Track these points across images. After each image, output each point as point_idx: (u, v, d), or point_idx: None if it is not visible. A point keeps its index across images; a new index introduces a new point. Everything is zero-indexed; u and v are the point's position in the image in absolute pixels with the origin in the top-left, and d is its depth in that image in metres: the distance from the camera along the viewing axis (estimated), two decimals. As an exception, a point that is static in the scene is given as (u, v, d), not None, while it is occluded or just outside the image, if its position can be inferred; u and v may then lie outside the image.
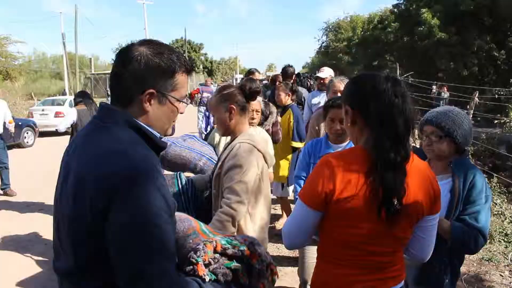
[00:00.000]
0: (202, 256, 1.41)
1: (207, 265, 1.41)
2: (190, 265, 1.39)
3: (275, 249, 4.98)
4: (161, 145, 1.45)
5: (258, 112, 3.51)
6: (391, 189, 1.50)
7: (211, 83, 15.91)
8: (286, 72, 7.08)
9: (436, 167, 2.31)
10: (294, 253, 4.53)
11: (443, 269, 2.24)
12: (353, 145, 1.88)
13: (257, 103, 3.49)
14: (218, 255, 1.45)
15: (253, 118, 3.49)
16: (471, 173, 2.24)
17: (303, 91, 7.03)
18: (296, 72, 7.84)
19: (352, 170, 1.53)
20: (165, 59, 1.39)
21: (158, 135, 1.46)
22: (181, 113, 1.56)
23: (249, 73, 7.41)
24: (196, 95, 12.09)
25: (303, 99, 6.76)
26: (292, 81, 6.86)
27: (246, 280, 1.50)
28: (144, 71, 1.35)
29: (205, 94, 11.75)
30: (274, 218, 5.55)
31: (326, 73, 6.12)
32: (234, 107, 2.37)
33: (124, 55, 1.38)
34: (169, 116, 1.47)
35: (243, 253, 1.49)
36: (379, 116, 1.54)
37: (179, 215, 1.61)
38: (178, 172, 2.62)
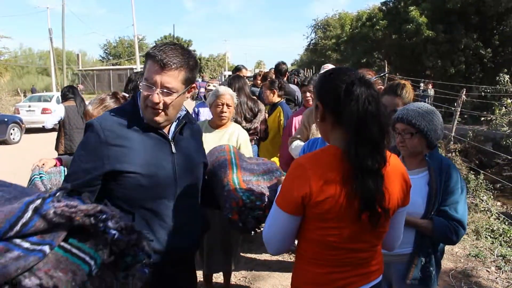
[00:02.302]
0: (230, 212, 1.95)
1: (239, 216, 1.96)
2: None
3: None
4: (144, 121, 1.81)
5: (230, 106, 3.40)
6: (372, 197, 1.49)
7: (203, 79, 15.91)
8: (280, 69, 6.94)
9: (410, 162, 2.35)
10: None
11: (428, 261, 2.27)
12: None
13: (229, 98, 3.39)
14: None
15: (222, 112, 3.42)
16: (446, 164, 2.30)
17: (295, 88, 6.96)
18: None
19: (328, 172, 1.50)
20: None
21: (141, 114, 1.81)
22: (147, 96, 1.73)
23: (236, 69, 7.31)
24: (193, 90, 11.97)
25: (296, 97, 6.70)
26: (285, 78, 6.79)
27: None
28: None
29: (201, 90, 11.66)
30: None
31: None
32: None
33: None
34: (142, 100, 1.78)
35: (259, 206, 1.99)
36: (354, 122, 1.49)
37: (217, 155, 2.29)
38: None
